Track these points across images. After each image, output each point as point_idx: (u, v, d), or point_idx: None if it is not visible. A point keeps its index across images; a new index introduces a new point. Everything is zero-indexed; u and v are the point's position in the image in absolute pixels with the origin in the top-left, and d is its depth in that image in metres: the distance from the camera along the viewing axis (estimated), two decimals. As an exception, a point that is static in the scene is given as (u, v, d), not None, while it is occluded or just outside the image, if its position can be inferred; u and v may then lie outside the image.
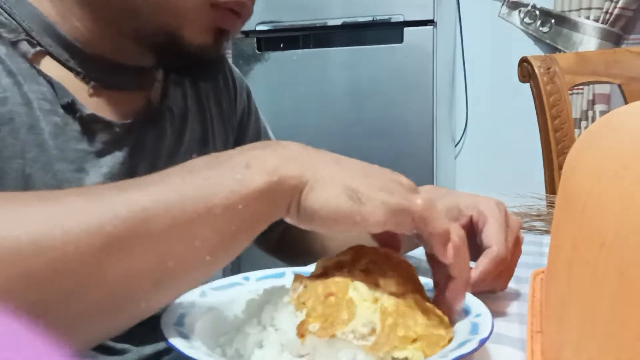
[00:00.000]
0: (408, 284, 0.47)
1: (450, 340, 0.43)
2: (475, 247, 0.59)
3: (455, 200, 0.61)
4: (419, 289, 0.48)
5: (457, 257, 0.44)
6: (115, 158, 0.60)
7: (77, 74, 0.59)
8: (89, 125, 0.58)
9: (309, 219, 0.42)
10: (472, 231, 0.59)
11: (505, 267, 0.57)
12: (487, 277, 0.55)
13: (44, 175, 0.54)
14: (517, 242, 0.59)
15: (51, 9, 0.58)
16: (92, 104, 0.59)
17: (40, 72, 0.56)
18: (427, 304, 0.46)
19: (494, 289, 0.58)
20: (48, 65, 0.57)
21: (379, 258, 0.49)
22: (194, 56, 0.59)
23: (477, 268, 0.54)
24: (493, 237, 0.56)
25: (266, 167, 0.41)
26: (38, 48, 0.56)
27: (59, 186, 0.55)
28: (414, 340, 0.41)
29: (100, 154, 0.59)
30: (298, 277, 0.46)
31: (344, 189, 0.41)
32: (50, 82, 0.56)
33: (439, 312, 0.46)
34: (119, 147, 0.60)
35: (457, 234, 0.44)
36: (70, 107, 0.56)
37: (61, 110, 0.56)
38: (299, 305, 0.42)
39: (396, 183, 0.44)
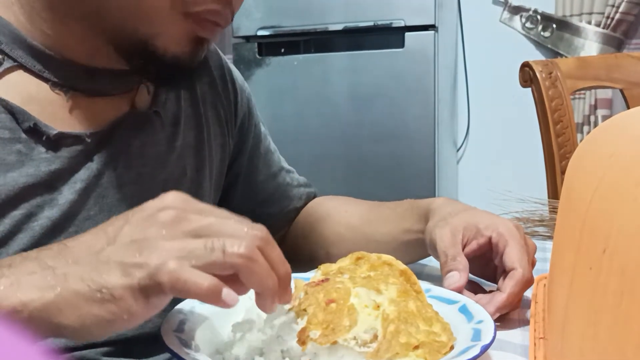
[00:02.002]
0: (410, 290, 0.47)
1: (452, 347, 0.43)
2: (493, 268, 0.59)
3: (473, 219, 0.60)
4: (420, 295, 0.48)
5: (244, 275, 0.39)
6: (90, 171, 0.57)
7: (53, 84, 0.56)
8: (58, 144, 0.55)
9: (81, 338, 0.39)
10: (490, 251, 0.59)
11: None
12: (514, 299, 0.55)
13: (4, 209, 0.52)
14: (532, 265, 0.59)
15: (20, 14, 0.55)
16: (67, 117, 0.57)
17: None
18: (429, 310, 0.46)
19: (510, 310, 0.57)
20: (19, 80, 0.55)
21: (379, 264, 0.49)
22: (169, 65, 0.56)
23: (504, 292, 0.54)
24: (516, 260, 0.56)
25: None
26: (5, 66, 0.54)
27: (30, 215, 0.53)
28: (416, 347, 0.41)
29: (74, 169, 0.56)
30: (299, 284, 0.45)
31: (90, 294, 0.37)
32: (7, 107, 0.53)
33: (441, 318, 0.46)
34: (91, 158, 0.57)
35: (241, 245, 0.38)
36: (34, 131, 0.54)
37: (24, 136, 0.53)
38: (300, 313, 0.42)
39: (143, 240, 0.38)
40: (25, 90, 0.55)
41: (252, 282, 0.39)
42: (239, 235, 0.39)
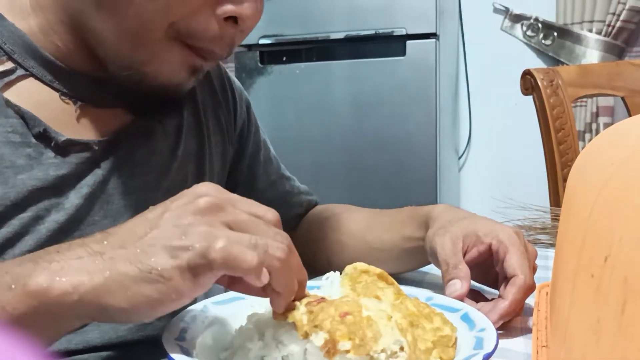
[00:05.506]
0: (399, 290, 0.48)
1: (456, 339, 0.44)
2: (494, 275, 0.59)
3: (473, 227, 0.61)
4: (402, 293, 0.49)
5: (277, 277, 0.41)
6: (96, 177, 0.59)
7: (62, 94, 0.58)
8: (66, 150, 0.57)
9: (129, 319, 0.40)
10: (490, 258, 0.59)
11: None
12: (517, 306, 0.55)
13: (13, 211, 0.53)
14: (533, 270, 0.59)
15: (35, 26, 0.57)
16: (75, 125, 0.58)
17: (9, 104, 0.54)
18: (421, 303, 0.47)
19: (513, 317, 0.57)
20: (31, 88, 0.56)
21: (357, 275, 0.49)
22: (160, 93, 0.58)
23: (507, 299, 0.54)
24: (518, 266, 0.56)
25: (30, 288, 0.37)
26: (17, 74, 0.55)
27: (37, 217, 0.54)
28: (431, 350, 0.42)
29: (81, 175, 0.58)
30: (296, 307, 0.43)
31: (140, 275, 0.38)
32: (19, 112, 0.54)
33: (434, 309, 0.47)
34: (98, 165, 0.59)
35: (278, 249, 0.40)
36: (44, 136, 0.55)
37: (34, 141, 0.55)
38: (311, 330, 0.41)
39: (187, 225, 0.39)
40: (36, 97, 0.57)
41: (281, 283, 0.41)
42: (275, 239, 0.41)
